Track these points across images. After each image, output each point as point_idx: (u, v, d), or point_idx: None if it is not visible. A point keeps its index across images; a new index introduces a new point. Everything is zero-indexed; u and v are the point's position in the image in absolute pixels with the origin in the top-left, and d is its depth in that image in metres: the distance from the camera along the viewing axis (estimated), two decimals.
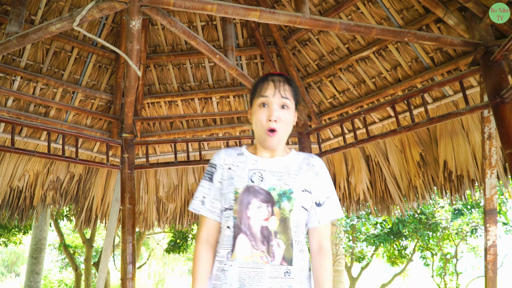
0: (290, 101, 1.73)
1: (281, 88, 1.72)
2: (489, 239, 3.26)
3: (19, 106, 4.37)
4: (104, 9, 2.55)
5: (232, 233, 1.63)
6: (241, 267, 1.57)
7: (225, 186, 1.72)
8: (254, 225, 1.60)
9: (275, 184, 1.67)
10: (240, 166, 1.75)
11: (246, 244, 1.59)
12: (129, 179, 4.42)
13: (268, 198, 1.64)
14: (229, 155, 1.81)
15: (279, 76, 1.78)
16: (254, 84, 1.83)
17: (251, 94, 1.83)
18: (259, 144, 1.79)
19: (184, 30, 2.95)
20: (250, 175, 1.70)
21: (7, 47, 2.93)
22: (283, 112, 1.71)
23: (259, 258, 1.57)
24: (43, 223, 9.86)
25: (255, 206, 1.62)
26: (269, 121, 1.69)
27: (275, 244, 1.59)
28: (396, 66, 4.23)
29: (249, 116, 1.85)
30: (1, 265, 27.85)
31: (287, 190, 1.66)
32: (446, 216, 10.60)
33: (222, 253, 1.65)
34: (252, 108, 1.80)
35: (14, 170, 4.69)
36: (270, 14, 2.77)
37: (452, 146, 4.21)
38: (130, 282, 4.12)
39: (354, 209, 5.12)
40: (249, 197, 1.64)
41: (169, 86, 5.08)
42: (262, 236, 1.59)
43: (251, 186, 1.66)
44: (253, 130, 1.80)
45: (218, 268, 1.65)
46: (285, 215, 1.62)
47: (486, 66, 3.19)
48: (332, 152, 4.40)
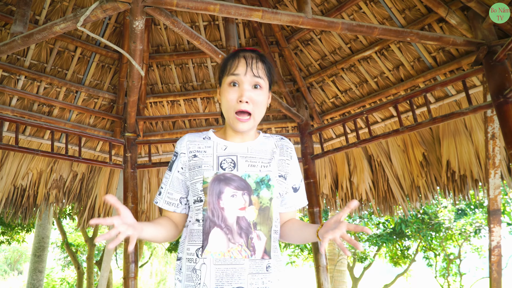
0: (263, 80, 1.55)
1: (254, 66, 1.54)
2: (493, 239, 3.25)
3: (23, 105, 4.39)
4: (107, 9, 2.56)
5: (201, 227, 1.46)
6: (217, 264, 1.41)
7: (191, 176, 1.55)
8: (229, 216, 1.44)
9: (249, 171, 1.51)
10: (207, 152, 1.57)
11: (221, 238, 1.43)
12: (131, 178, 4.44)
13: (243, 185, 1.47)
14: (193, 141, 1.62)
15: (251, 52, 1.58)
16: (223, 60, 1.63)
17: (220, 72, 1.63)
18: (229, 127, 1.62)
19: (187, 30, 2.96)
20: (219, 162, 1.52)
21: (12, 47, 2.95)
22: (255, 92, 1.53)
23: (237, 253, 1.41)
24: (46, 221, 9.90)
25: (228, 194, 1.46)
26: (239, 102, 1.51)
27: (255, 237, 1.44)
28: (398, 66, 4.22)
29: (218, 96, 1.66)
30: (4, 263, 27.97)
31: (265, 177, 1.51)
32: (449, 216, 10.60)
33: (191, 250, 1.47)
34: (221, 88, 1.61)
35: (18, 169, 4.72)
36: (273, 14, 2.78)
37: (455, 146, 4.20)
38: (133, 281, 4.13)
39: (357, 209, 5.12)
40: (220, 186, 1.46)
41: (171, 86, 5.09)
42: (239, 228, 1.43)
43: (222, 173, 1.49)
44: (222, 112, 1.62)
45: (188, 268, 1.47)
46: (264, 204, 1.48)
47: (489, 66, 3.19)
48: (334, 152, 4.40)
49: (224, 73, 1.58)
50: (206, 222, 1.45)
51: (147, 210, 5.56)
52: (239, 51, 1.59)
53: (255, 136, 1.67)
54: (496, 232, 3.27)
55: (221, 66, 1.63)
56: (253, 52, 1.59)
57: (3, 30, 4.07)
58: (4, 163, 4.60)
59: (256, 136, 1.67)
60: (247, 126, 1.54)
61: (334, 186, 5.30)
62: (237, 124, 1.53)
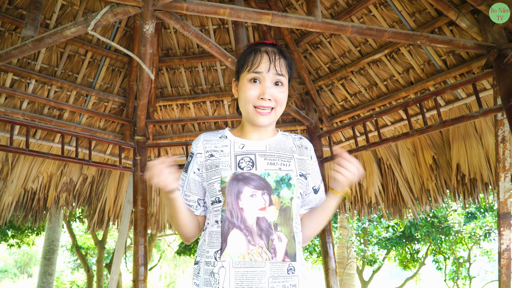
0: (285, 78, 1.50)
1: (277, 63, 1.47)
2: (503, 243, 3.23)
3: (33, 109, 4.43)
4: (118, 13, 2.58)
5: (220, 228, 1.40)
6: (237, 267, 1.34)
7: (208, 176, 1.49)
8: (248, 217, 1.38)
9: (268, 169, 1.45)
10: (224, 151, 1.51)
11: (241, 240, 1.36)
12: (141, 181, 4.46)
13: (263, 184, 1.41)
14: (209, 140, 1.56)
15: (273, 47, 1.52)
16: (242, 54, 1.55)
17: (239, 65, 1.54)
18: (247, 124, 1.57)
19: (196, 34, 2.98)
20: (237, 161, 1.46)
21: (23, 50, 2.98)
22: (277, 89, 1.48)
23: (258, 255, 1.35)
24: (56, 224, 9.97)
25: (247, 194, 1.40)
26: (261, 99, 1.46)
27: (276, 238, 1.37)
28: (408, 69, 4.21)
29: (234, 91, 1.59)
30: (14, 266, 28.19)
31: (285, 176, 1.45)
32: (459, 219, 10.52)
33: (210, 253, 1.41)
34: (238, 82, 1.54)
35: (28, 172, 4.75)
36: (282, 18, 2.78)
37: (465, 149, 4.17)
38: (142, 283, 4.15)
39: (366, 212, 5.10)
40: (239, 185, 1.41)
41: (181, 89, 5.11)
42: (259, 229, 1.37)
43: (240, 173, 1.43)
44: (240, 108, 1.57)
45: (205, 271, 1.41)
46: (285, 204, 1.42)
47: (499, 69, 3.16)
48: None
49: (244, 67, 1.50)
50: (225, 224, 1.39)
51: (157, 213, 5.58)
52: (260, 45, 1.52)
53: (273, 133, 1.61)
54: (506, 235, 3.25)
55: (240, 59, 1.55)
56: (274, 46, 1.52)
57: (14, 34, 4.12)
58: (14, 166, 4.64)
59: (275, 133, 1.62)
60: (268, 120, 1.49)
61: None
62: (257, 117, 1.48)
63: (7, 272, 27.88)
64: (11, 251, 26.41)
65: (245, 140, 1.55)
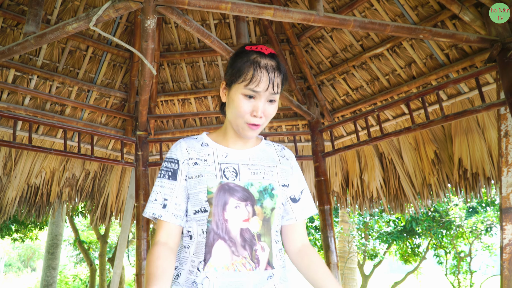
0: (279, 94, 1.45)
1: (275, 82, 1.40)
2: (505, 237, 3.22)
3: (35, 105, 4.44)
4: (120, 9, 2.57)
5: (204, 239, 1.38)
6: (220, 278, 1.33)
7: (193, 185, 1.44)
8: (232, 228, 1.37)
9: (251, 179, 1.43)
10: (208, 160, 1.46)
11: (225, 251, 1.35)
12: (143, 176, 4.47)
13: (246, 195, 1.40)
14: (192, 148, 1.50)
15: (272, 60, 1.42)
16: (238, 60, 1.44)
17: (234, 73, 1.42)
18: (232, 132, 1.52)
19: (198, 29, 2.97)
20: (222, 170, 1.43)
21: (25, 46, 2.98)
22: (270, 106, 1.42)
23: (242, 266, 1.34)
24: (59, 219, 10.01)
25: (232, 206, 1.38)
26: (253, 116, 1.40)
27: (259, 248, 1.37)
28: (410, 63, 4.20)
29: (222, 95, 1.52)
30: (17, 260, 28.34)
31: (268, 186, 1.44)
32: (460, 214, 10.52)
33: (195, 262, 1.38)
34: (231, 92, 1.45)
35: (31, 167, 4.77)
36: (284, 12, 2.77)
37: (468, 144, 4.17)
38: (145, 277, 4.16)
39: (367, 206, 5.11)
40: (225, 196, 1.38)
41: (182, 84, 5.11)
42: (243, 240, 1.36)
43: (226, 183, 1.40)
44: (228, 116, 1.50)
45: (187, 280, 1.38)
46: (268, 215, 1.41)
47: (502, 63, 3.15)
48: (345, 149, 4.39)
49: (239, 79, 1.40)
50: (210, 235, 1.37)
51: None
52: (259, 56, 1.41)
53: (256, 142, 1.58)
54: (508, 230, 3.24)
55: (234, 66, 1.44)
56: (272, 58, 1.43)
57: (16, 30, 4.11)
58: (17, 162, 4.66)
59: (258, 141, 1.59)
60: (256, 133, 1.46)
61: (344, 184, 5.29)
62: (247, 132, 1.44)
63: (11, 266, 28.06)
64: (15, 246, 26.54)
65: (228, 148, 1.52)
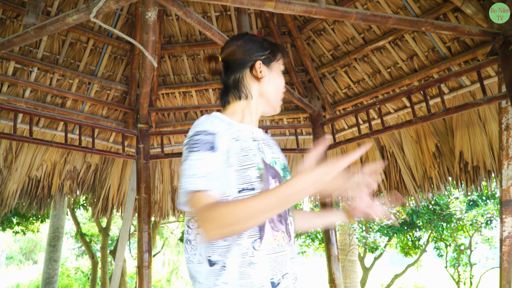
0: None
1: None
2: (505, 230, 3.23)
3: (36, 97, 4.43)
4: (120, 0, 2.56)
5: None
6: (268, 253, 1.31)
7: (239, 162, 1.33)
8: None
9: (274, 157, 1.45)
10: (243, 137, 1.39)
11: (267, 227, 1.34)
12: (144, 169, 4.47)
13: (275, 173, 1.39)
14: (221, 123, 1.41)
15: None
16: (266, 44, 1.58)
17: (272, 53, 1.56)
18: (250, 111, 1.54)
19: (199, 21, 2.96)
20: (258, 147, 1.40)
21: (25, 38, 2.97)
22: None
23: (281, 240, 1.35)
24: (60, 212, 10.04)
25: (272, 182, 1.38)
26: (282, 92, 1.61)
27: (290, 222, 1.42)
28: (412, 56, 4.18)
29: (259, 74, 1.52)
30: (19, 252, 28.47)
31: (285, 164, 1.51)
32: (461, 207, 10.54)
33: (245, 244, 1.29)
34: (272, 69, 1.56)
35: (32, 160, 4.77)
36: (286, 4, 2.76)
37: (469, 137, 4.16)
38: (146, 270, 4.18)
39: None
40: (270, 172, 1.37)
41: (183, 77, 5.10)
42: (279, 215, 1.37)
43: (264, 160, 1.39)
44: (265, 93, 1.55)
45: (242, 263, 1.28)
46: None
47: (504, 56, 3.14)
48: (346, 142, 4.38)
49: (277, 57, 1.58)
50: None
51: (160, 201, 5.61)
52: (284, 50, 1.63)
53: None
54: (508, 222, 3.25)
55: (271, 47, 1.57)
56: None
57: (15, 21, 4.10)
58: (18, 154, 4.66)
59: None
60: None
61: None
62: (279, 107, 1.61)
63: (13, 258, 28.18)
64: (16, 238, 26.67)
65: (252, 127, 1.50)
